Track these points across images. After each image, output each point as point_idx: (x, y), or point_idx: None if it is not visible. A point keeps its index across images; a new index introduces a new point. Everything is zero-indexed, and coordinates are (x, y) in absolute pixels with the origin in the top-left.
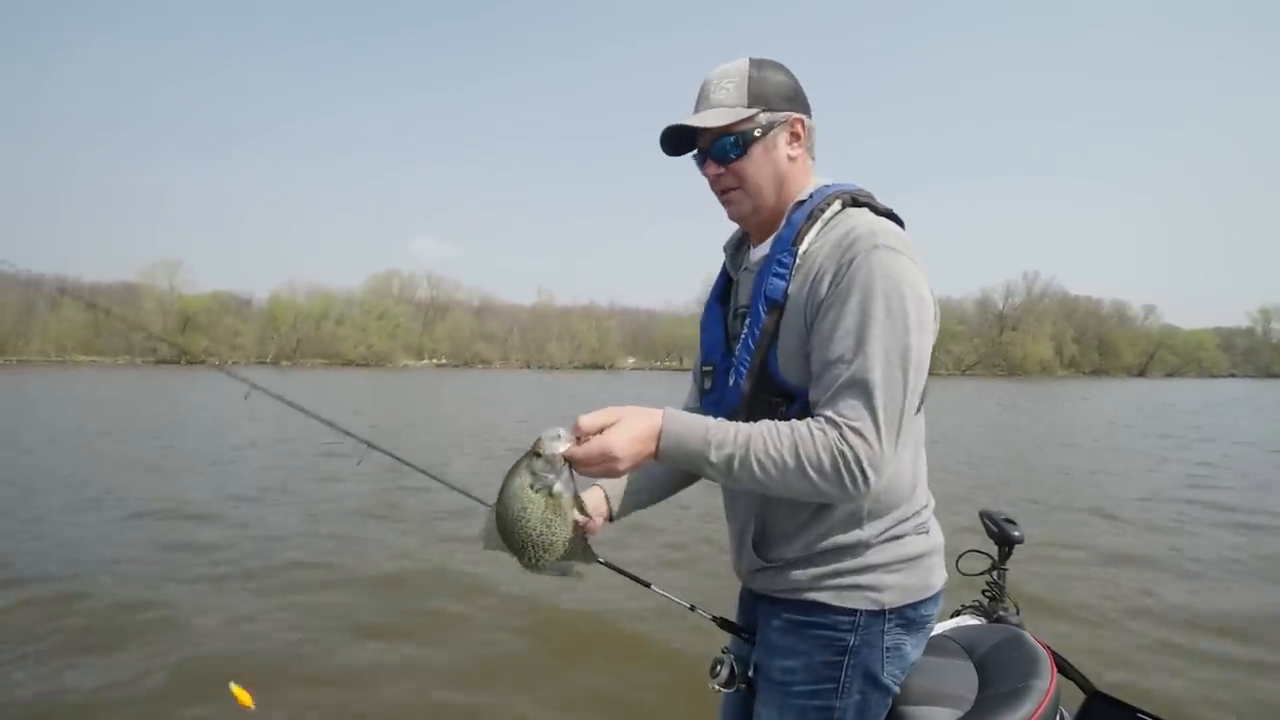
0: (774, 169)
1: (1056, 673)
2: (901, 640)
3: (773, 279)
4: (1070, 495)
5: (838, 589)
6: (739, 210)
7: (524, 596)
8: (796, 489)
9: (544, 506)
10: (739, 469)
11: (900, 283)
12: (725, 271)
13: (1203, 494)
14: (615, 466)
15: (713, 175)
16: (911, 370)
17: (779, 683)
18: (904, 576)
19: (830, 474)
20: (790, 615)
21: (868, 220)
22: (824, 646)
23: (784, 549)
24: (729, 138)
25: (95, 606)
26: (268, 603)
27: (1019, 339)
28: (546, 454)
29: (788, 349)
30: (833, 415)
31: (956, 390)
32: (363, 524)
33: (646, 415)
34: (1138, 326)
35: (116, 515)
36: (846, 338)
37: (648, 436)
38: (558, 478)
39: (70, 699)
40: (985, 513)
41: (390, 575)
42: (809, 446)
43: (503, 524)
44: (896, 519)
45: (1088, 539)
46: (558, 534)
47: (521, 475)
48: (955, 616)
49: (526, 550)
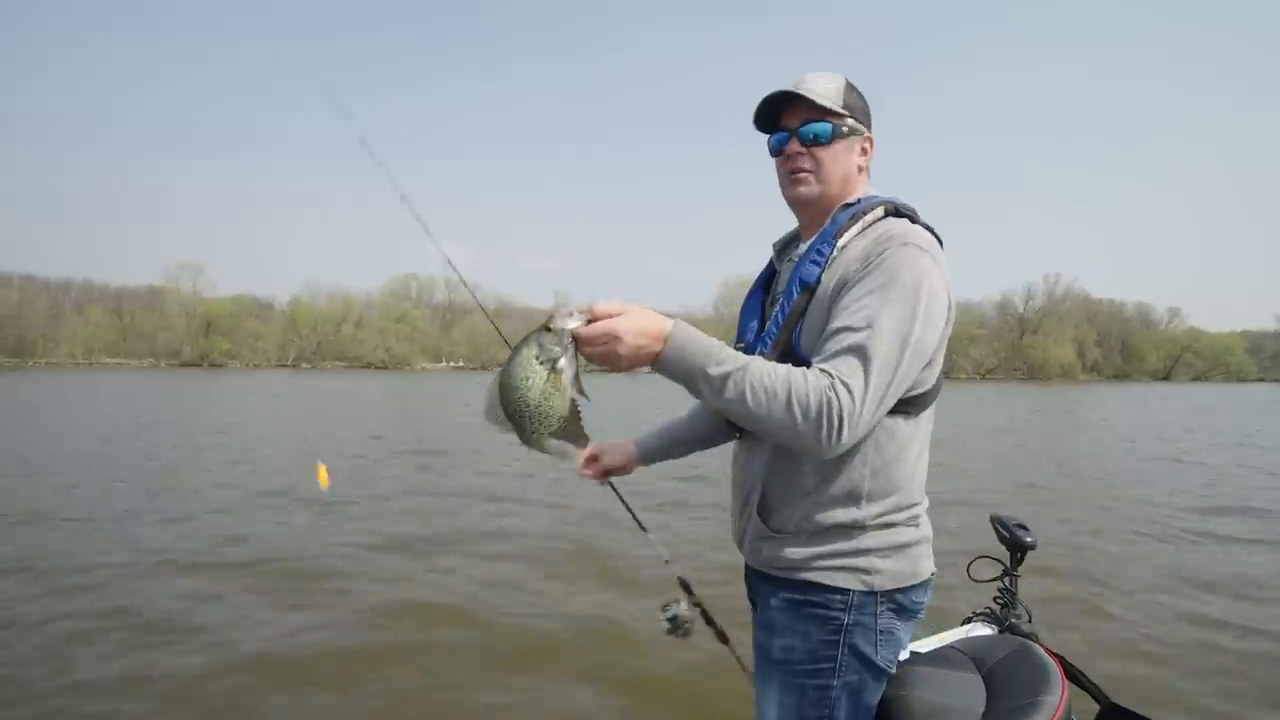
0: (846, 168)
1: (1068, 686)
2: (894, 624)
3: (809, 264)
4: (1094, 501)
5: (831, 569)
6: (806, 192)
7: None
8: (776, 423)
9: (545, 379)
10: (732, 389)
11: (919, 276)
12: (771, 265)
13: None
14: (617, 350)
15: (793, 153)
16: (909, 354)
17: (779, 661)
18: (894, 562)
19: (813, 417)
20: (788, 595)
21: (903, 225)
22: (820, 625)
23: (786, 517)
24: (822, 123)
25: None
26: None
27: (1040, 342)
28: (556, 328)
29: (812, 328)
30: (828, 368)
31: (969, 392)
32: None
33: (657, 317)
34: (1162, 330)
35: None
36: (860, 311)
37: (654, 335)
38: (563, 353)
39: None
40: (996, 518)
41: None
42: (800, 386)
43: (504, 392)
44: (892, 506)
45: (1105, 546)
46: (555, 407)
47: (530, 346)
48: (966, 624)
49: (524, 420)
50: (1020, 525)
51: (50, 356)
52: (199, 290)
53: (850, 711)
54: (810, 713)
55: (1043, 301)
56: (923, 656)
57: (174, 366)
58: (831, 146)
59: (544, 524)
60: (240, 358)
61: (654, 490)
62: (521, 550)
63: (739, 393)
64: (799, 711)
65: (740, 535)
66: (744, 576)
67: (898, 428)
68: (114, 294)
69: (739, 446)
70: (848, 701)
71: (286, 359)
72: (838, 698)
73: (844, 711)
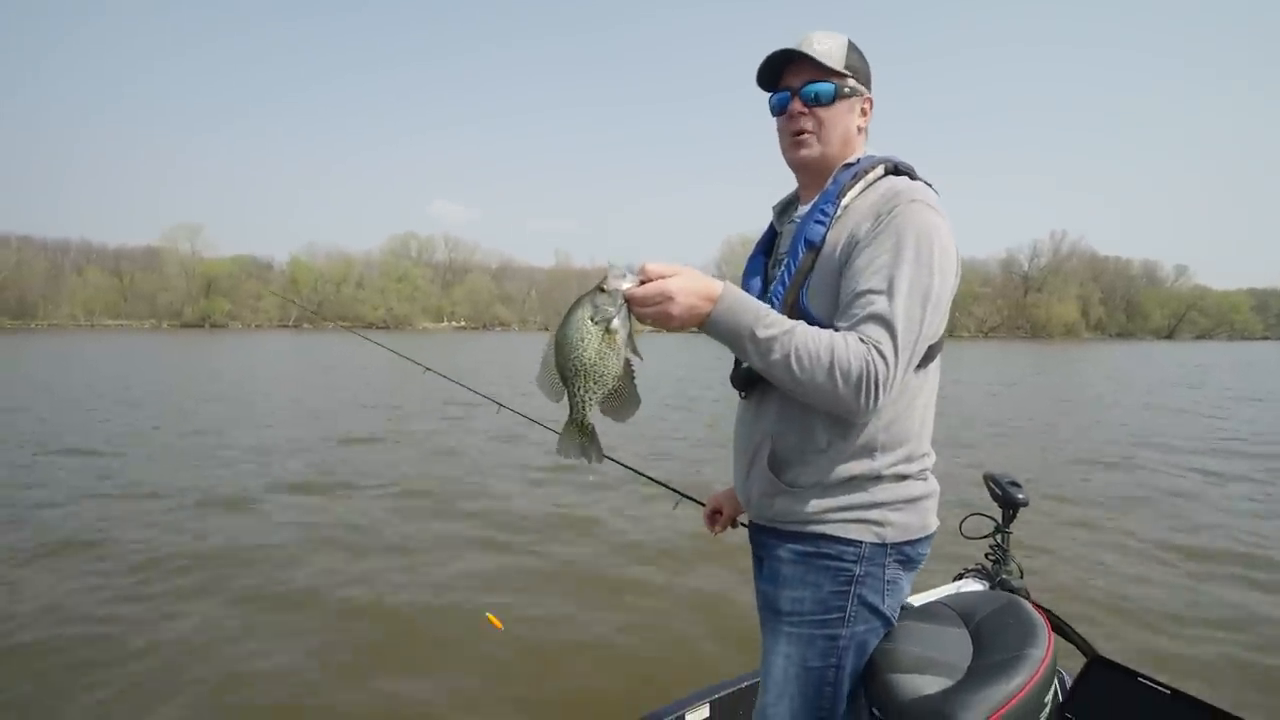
0: (846, 128)
1: (1054, 640)
2: (899, 575)
3: (814, 224)
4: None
5: (844, 521)
6: (807, 153)
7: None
8: (817, 386)
9: (600, 339)
10: (778, 351)
11: (931, 232)
12: (771, 227)
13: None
14: (669, 310)
15: (796, 113)
16: (930, 308)
17: (788, 613)
18: (905, 515)
19: (854, 382)
20: (798, 546)
21: (907, 182)
22: (832, 577)
23: (800, 473)
24: (824, 84)
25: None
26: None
27: (1044, 301)
28: (610, 289)
29: (819, 287)
30: (860, 333)
31: (972, 349)
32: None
33: (707, 279)
34: (1168, 288)
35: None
36: (879, 273)
37: (705, 295)
38: (617, 314)
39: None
40: (989, 475)
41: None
42: (843, 351)
43: (559, 353)
44: (903, 456)
45: (1095, 495)
46: (609, 367)
47: (584, 307)
48: (958, 580)
49: (579, 379)
50: (1013, 482)
51: (52, 318)
52: (198, 251)
53: (855, 661)
54: (817, 662)
55: (1048, 259)
56: (912, 611)
57: (175, 328)
58: (833, 106)
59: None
60: (241, 318)
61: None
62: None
63: (784, 355)
64: (805, 662)
65: (746, 492)
66: (749, 534)
67: (909, 379)
68: (112, 255)
69: (744, 405)
70: (855, 651)
71: (288, 319)
72: (845, 647)
73: (850, 660)
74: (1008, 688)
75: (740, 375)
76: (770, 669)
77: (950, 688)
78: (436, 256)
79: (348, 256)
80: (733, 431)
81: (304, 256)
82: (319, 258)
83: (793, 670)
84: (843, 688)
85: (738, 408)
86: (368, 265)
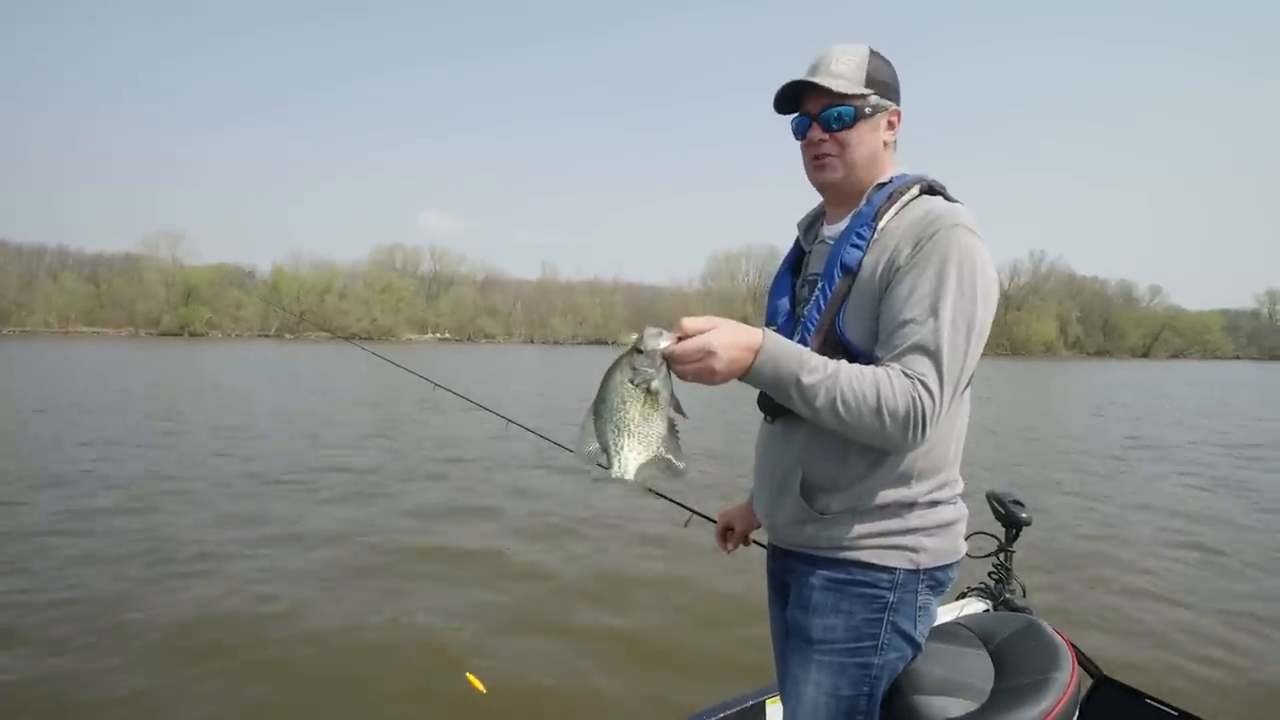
0: (871, 148)
1: (1078, 664)
2: (929, 600)
3: (850, 248)
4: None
5: (880, 548)
6: (830, 176)
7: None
8: (864, 427)
9: (643, 402)
10: (824, 397)
11: (975, 260)
12: (798, 245)
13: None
14: (713, 365)
15: (816, 139)
16: (974, 338)
17: (819, 641)
18: (939, 540)
19: (901, 419)
20: (829, 573)
21: (946, 204)
22: (865, 604)
23: (832, 500)
24: (842, 107)
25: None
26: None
27: (1024, 318)
28: (647, 349)
29: (855, 312)
30: (903, 369)
31: None
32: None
33: (746, 329)
34: (1143, 308)
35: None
36: (922, 301)
37: (746, 347)
38: (656, 374)
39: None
40: (993, 494)
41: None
42: (889, 390)
43: (601, 420)
44: (939, 483)
45: (1100, 520)
46: (654, 430)
47: (622, 370)
48: (961, 599)
49: (623, 444)
50: (1016, 501)
51: (24, 325)
52: (179, 258)
53: (886, 688)
54: (848, 691)
55: (1028, 278)
56: (931, 632)
57: (153, 336)
58: (855, 128)
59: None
60: (221, 327)
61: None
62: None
63: (830, 399)
64: (836, 690)
65: (772, 516)
66: (768, 558)
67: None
68: (89, 261)
69: (770, 430)
70: (886, 678)
71: (269, 329)
72: (878, 676)
73: (882, 687)
74: (1034, 712)
75: (768, 399)
76: (800, 697)
77: (975, 711)
78: (422, 268)
79: (333, 266)
80: (753, 451)
81: (288, 266)
82: (304, 267)
83: (823, 699)
84: (875, 715)
85: (761, 429)
86: (352, 276)
